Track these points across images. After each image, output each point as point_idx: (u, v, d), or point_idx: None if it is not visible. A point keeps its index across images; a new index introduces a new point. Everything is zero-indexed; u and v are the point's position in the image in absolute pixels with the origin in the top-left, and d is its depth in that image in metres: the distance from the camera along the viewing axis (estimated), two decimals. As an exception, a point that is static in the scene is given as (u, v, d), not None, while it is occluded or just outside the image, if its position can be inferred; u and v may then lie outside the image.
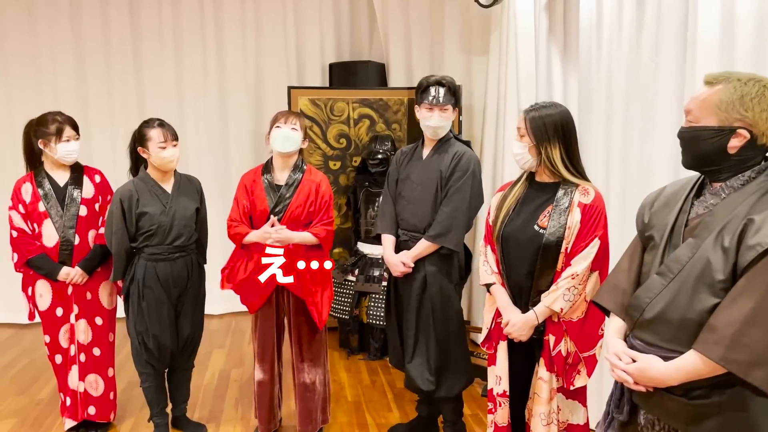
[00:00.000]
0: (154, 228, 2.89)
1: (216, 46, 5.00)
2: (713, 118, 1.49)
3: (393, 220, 3.01)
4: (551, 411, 2.23)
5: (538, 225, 2.21)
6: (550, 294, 2.18)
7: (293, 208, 2.88)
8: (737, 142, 1.47)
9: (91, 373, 3.12)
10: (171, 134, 2.93)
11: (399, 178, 3.01)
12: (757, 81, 1.47)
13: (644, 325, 1.60)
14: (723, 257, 1.45)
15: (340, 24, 5.14)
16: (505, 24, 3.90)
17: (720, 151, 1.49)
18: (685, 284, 1.51)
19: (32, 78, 4.81)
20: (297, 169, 2.94)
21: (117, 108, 4.93)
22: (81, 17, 4.82)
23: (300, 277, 2.87)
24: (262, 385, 3.02)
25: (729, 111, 1.46)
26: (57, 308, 3.04)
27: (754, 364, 1.37)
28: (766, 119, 1.45)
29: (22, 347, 4.49)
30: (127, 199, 2.87)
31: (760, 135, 1.46)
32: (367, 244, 4.26)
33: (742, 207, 1.47)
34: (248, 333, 4.75)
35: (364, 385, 3.80)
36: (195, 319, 3.07)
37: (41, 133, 2.96)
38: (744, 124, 1.46)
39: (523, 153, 2.24)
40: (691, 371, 1.47)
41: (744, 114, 1.45)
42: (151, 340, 2.92)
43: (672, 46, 2.42)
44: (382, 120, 4.54)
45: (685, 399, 1.51)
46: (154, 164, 2.92)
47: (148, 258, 2.90)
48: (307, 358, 2.99)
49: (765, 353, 1.37)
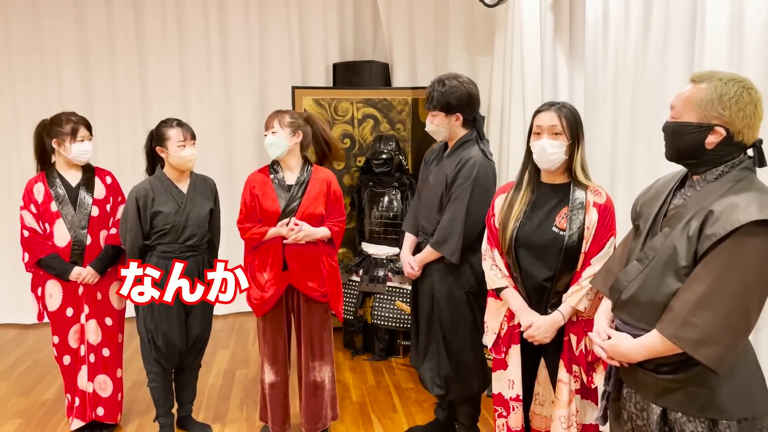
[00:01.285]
0: (168, 227, 2.90)
1: (220, 47, 4.99)
2: (694, 115, 1.58)
3: (414, 220, 3.00)
4: (570, 414, 2.22)
5: (557, 227, 2.20)
6: (574, 294, 2.18)
7: (307, 205, 2.87)
8: (714, 138, 1.56)
9: (101, 374, 3.11)
10: (190, 134, 2.94)
11: (423, 178, 2.99)
12: (738, 82, 1.55)
13: (622, 306, 1.74)
14: (687, 245, 1.56)
15: (344, 24, 5.13)
16: (510, 24, 3.89)
17: (698, 146, 1.59)
18: (655, 269, 1.63)
19: (36, 75, 4.80)
20: (304, 168, 2.94)
21: (122, 107, 4.92)
22: (86, 22, 4.81)
23: (318, 275, 2.89)
24: (274, 386, 3.00)
25: (708, 109, 1.55)
26: (67, 308, 3.04)
27: (701, 342, 1.51)
28: (743, 118, 1.54)
29: (26, 348, 4.49)
30: (143, 198, 2.89)
31: (736, 133, 1.55)
32: (372, 245, 4.25)
33: (710, 199, 1.56)
34: (252, 333, 4.75)
35: (369, 385, 3.79)
36: (204, 318, 3.07)
37: (55, 132, 2.97)
38: (721, 122, 1.55)
39: (559, 152, 2.18)
40: (651, 348, 1.62)
41: (722, 113, 1.54)
42: (161, 338, 2.92)
43: (680, 46, 2.41)
44: (386, 120, 4.53)
45: (655, 374, 1.64)
46: (172, 163, 2.93)
47: (160, 256, 2.90)
48: (318, 357, 2.98)
49: (712, 333, 1.50)
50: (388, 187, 4.25)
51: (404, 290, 4.02)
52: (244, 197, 2.94)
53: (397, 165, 4.25)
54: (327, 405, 3.05)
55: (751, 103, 1.54)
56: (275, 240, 2.86)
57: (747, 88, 1.55)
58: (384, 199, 4.25)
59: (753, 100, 1.54)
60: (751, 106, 1.54)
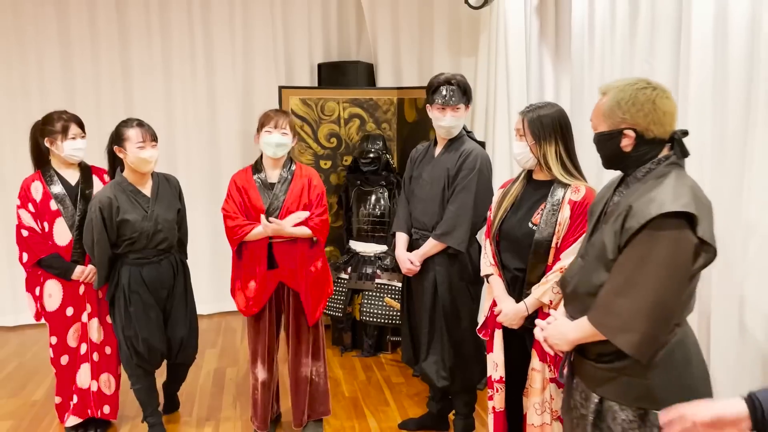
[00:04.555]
0: (136, 235, 2.86)
1: (204, 47, 4.97)
2: (604, 124, 1.72)
3: (405, 219, 3.07)
4: (544, 400, 2.32)
5: (532, 222, 2.33)
6: (540, 287, 2.30)
7: (288, 204, 2.89)
8: (627, 141, 1.68)
9: (104, 372, 3.12)
10: (150, 135, 2.88)
11: (413, 176, 3.06)
12: (632, 85, 1.68)
13: (568, 300, 1.88)
14: (613, 239, 1.66)
15: (328, 24, 5.16)
16: (495, 25, 3.98)
17: (617, 150, 1.71)
18: (590, 264, 1.75)
19: (18, 84, 4.73)
20: (287, 167, 2.97)
21: (105, 109, 4.85)
22: (69, 20, 4.75)
23: (307, 278, 2.93)
24: (265, 384, 3.04)
25: (612, 116, 1.68)
26: (67, 308, 3.03)
27: (621, 329, 1.60)
28: (644, 117, 1.64)
29: (9, 350, 4.42)
30: (107, 207, 2.81)
31: (645, 131, 1.66)
32: (360, 242, 4.30)
33: (635, 195, 1.66)
34: (239, 332, 4.76)
35: (359, 381, 3.85)
36: (189, 316, 3.09)
37: (47, 131, 2.96)
38: (627, 125, 1.67)
39: (524, 152, 2.34)
40: (583, 330, 1.71)
41: (623, 116, 1.67)
42: (141, 344, 2.92)
43: (666, 48, 2.48)
44: (372, 119, 4.59)
45: (595, 363, 1.73)
46: (131, 165, 2.87)
47: (132, 263, 2.89)
48: (309, 353, 3.02)
49: (631, 321, 1.59)
50: (376, 186, 4.31)
51: (393, 287, 4.08)
52: (230, 191, 2.93)
53: (385, 164, 4.31)
54: (319, 400, 3.09)
55: (648, 101, 1.64)
56: (262, 240, 2.89)
57: (641, 89, 1.65)
58: (371, 198, 4.31)
59: (649, 98, 1.64)
60: (648, 104, 1.64)
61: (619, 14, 2.81)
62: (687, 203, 1.54)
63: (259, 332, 3.00)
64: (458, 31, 4.75)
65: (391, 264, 4.12)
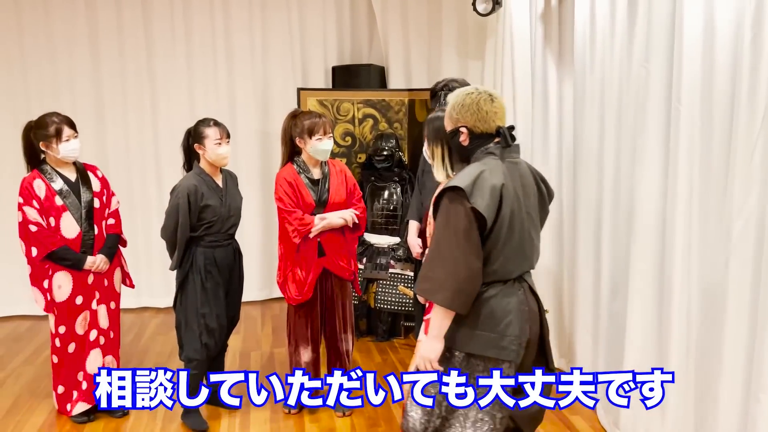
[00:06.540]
0: (215, 219, 3.15)
1: (225, 52, 5.26)
2: (449, 125, 2.16)
3: (418, 208, 3.40)
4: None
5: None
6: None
7: (334, 196, 3.22)
8: (463, 137, 2.12)
9: (109, 354, 3.30)
10: (225, 132, 3.19)
11: (424, 170, 3.36)
12: (463, 91, 2.11)
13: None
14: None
15: (342, 29, 5.46)
16: (501, 31, 4.24)
17: (459, 145, 2.15)
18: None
19: (49, 80, 5.02)
20: (323, 164, 3.28)
21: (131, 108, 5.16)
22: (97, 24, 5.05)
23: (347, 255, 3.29)
24: (313, 363, 3.31)
25: (451, 118, 2.14)
26: (77, 297, 3.17)
27: (434, 291, 1.99)
28: (470, 116, 2.08)
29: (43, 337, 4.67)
30: (194, 193, 3.09)
31: (473, 127, 2.09)
32: (374, 235, 4.58)
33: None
34: (259, 319, 5.03)
35: (376, 362, 4.12)
36: (239, 300, 3.36)
37: (41, 135, 3.08)
38: (461, 124, 2.11)
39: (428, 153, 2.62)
40: (428, 315, 2.14)
41: (457, 117, 2.11)
42: (215, 320, 3.16)
43: (661, 54, 2.69)
44: (384, 119, 4.87)
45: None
46: (209, 160, 3.17)
47: (206, 245, 3.15)
48: (348, 329, 3.35)
49: (441, 282, 1.97)
50: (389, 182, 4.59)
51: (405, 276, 4.36)
52: (283, 188, 3.16)
53: (397, 161, 4.59)
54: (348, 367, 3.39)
55: (473, 103, 2.06)
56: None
57: (468, 94, 2.09)
58: (385, 193, 4.59)
59: (474, 101, 2.06)
60: (473, 106, 2.06)
61: (618, 22, 3.03)
62: (465, 182, 1.95)
63: (307, 316, 3.26)
64: (466, 36, 5.03)
65: (404, 255, 4.40)
